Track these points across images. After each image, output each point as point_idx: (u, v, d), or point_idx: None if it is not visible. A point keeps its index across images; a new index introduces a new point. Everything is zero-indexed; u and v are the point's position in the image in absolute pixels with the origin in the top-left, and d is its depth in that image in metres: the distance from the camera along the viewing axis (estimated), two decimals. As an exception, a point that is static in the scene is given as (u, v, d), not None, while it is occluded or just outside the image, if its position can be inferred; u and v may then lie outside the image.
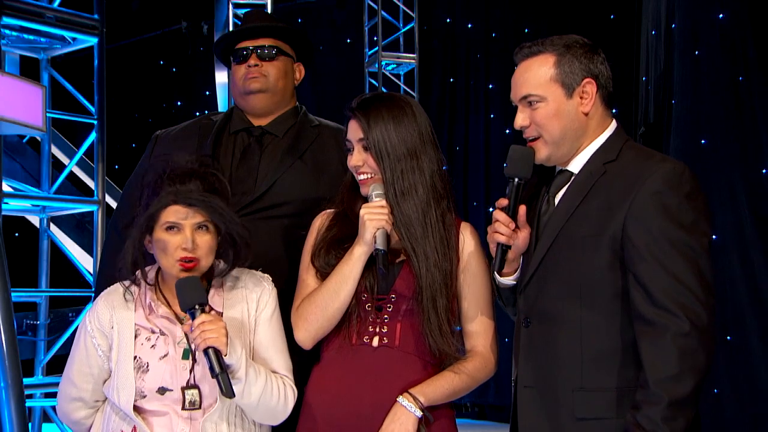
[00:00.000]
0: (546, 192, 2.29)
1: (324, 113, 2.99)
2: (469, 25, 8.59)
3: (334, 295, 2.32)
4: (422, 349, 2.34)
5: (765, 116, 5.27)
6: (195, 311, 2.15)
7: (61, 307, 6.05)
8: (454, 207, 2.42)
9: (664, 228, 2.05)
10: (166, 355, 2.25)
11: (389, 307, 2.35)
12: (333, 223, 2.45)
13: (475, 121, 8.50)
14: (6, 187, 5.03)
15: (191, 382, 2.23)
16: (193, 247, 2.22)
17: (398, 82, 8.70)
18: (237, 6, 6.54)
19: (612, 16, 7.63)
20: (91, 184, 5.88)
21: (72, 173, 5.67)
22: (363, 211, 2.31)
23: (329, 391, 2.35)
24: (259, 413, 2.28)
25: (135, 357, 2.25)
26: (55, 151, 6.00)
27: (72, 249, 5.86)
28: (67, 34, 5.22)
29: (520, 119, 2.24)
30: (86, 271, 5.56)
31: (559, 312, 2.16)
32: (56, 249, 5.55)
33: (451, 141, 8.54)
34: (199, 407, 2.24)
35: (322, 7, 9.33)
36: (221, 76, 6.62)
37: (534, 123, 2.22)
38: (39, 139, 5.55)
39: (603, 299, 2.13)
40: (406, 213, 2.33)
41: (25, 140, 6.75)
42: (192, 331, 2.14)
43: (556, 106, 2.20)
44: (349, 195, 2.46)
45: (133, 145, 9.58)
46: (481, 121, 8.45)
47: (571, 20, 7.47)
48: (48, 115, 5.02)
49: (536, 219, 2.27)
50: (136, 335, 2.27)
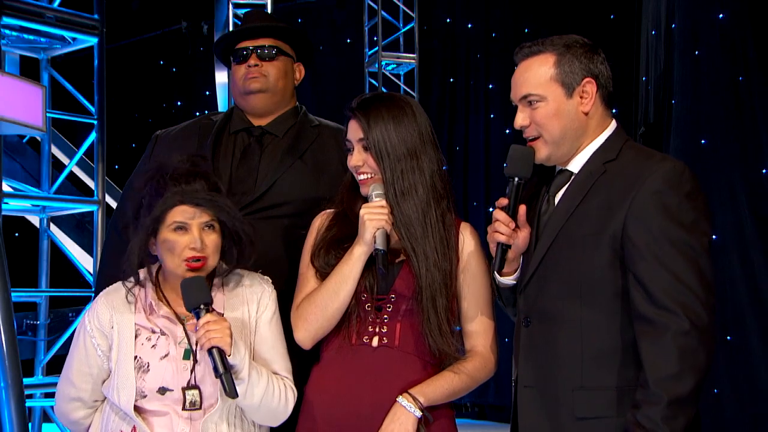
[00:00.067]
0: (546, 192, 2.29)
1: (324, 113, 2.99)
2: (469, 25, 8.59)
3: (334, 295, 2.32)
4: (422, 349, 2.34)
5: (765, 116, 5.26)
6: (200, 311, 2.16)
7: (61, 307, 6.05)
8: (454, 207, 2.42)
9: (665, 227, 2.05)
10: (167, 355, 2.25)
11: (389, 307, 2.35)
12: (333, 223, 2.45)
13: (475, 121, 8.50)
14: (6, 187, 5.03)
15: (192, 383, 2.23)
16: (201, 247, 2.23)
17: (398, 82, 8.70)
18: (237, 6, 6.54)
19: (612, 16, 7.63)
20: (91, 184, 5.88)
21: (72, 173, 5.67)
22: (363, 211, 2.31)
23: (329, 391, 2.34)
24: (260, 414, 2.28)
25: (135, 357, 2.24)
26: (55, 151, 6.00)
27: (72, 249, 5.86)
28: (67, 34, 5.22)
29: (520, 119, 2.24)
30: (86, 271, 5.56)
31: (559, 311, 2.16)
32: (56, 249, 5.54)
33: (451, 141, 8.54)
34: (200, 407, 2.23)
35: (322, 7, 9.32)
36: (221, 76, 6.62)
37: (534, 122, 2.22)
38: (39, 139, 5.54)
39: (603, 298, 2.12)
40: (406, 213, 2.33)
41: (25, 140, 6.75)
42: (197, 331, 2.14)
43: (556, 106, 2.20)
44: (348, 195, 2.46)
45: (133, 145, 9.58)
46: (481, 121, 8.45)
47: (571, 20, 7.47)
48: (48, 115, 5.02)
49: (536, 219, 2.27)
50: (137, 335, 2.27)
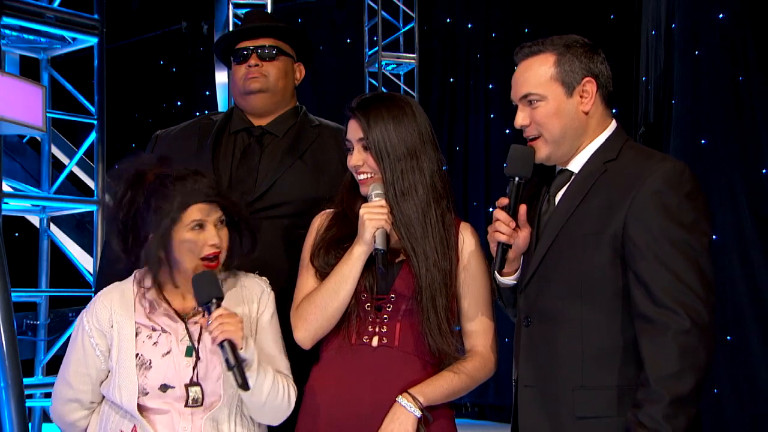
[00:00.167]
0: (546, 192, 2.29)
1: (324, 113, 2.99)
2: (469, 25, 8.58)
3: (334, 295, 2.32)
4: (422, 349, 2.33)
5: (765, 116, 5.26)
6: (211, 305, 2.17)
7: (61, 307, 6.05)
8: (453, 207, 2.42)
9: (665, 227, 2.05)
10: (168, 352, 2.25)
11: (389, 307, 2.35)
12: (332, 222, 2.44)
13: (475, 121, 8.49)
14: (6, 187, 5.03)
15: (194, 380, 2.24)
16: (220, 243, 2.26)
17: (398, 82, 8.69)
18: (237, 6, 6.55)
19: (612, 16, 7.62)
20: (91, 184, 5.89)
21: (72, 173, 5.68)
22: (362, 210, 2.31)
23: (329, 391, 2.34)
24: (264, 411, 2.27)
25: (137, 354, 2.24)
26: (55, 151, 6.00)
27: (72, 249, 5.86)
28: (67, 34, 5.22)
29: (521, 118, 2.24)
30: (86, 271, 5.56)
31: (560, 311, 2.16)
32: (56, 249, 5.55)
33: (451, 141, 8.53)
34: (201, 404, 2.24)
35: (322, 7, 9.32)
36: (221, 76, 6.62)
37: (534, 122, 2.22)
38: (39, 139, 5.55)
39: (603, 298, 2.12)
40: (405, 213, 2.33)
41: (25, 140, 6.75)
42: (209, 324, 2.15)
43: (556, 105, 2.20)
44: (348, 195, 2.46)
45: (133, 145, 9.57)
46: (481, 121, 8.44)
47: (571, 20, 7.46)
48: (48, 115, 5.03)
49: (537, 218, 2.27)
50: (137, 333, 2.27)
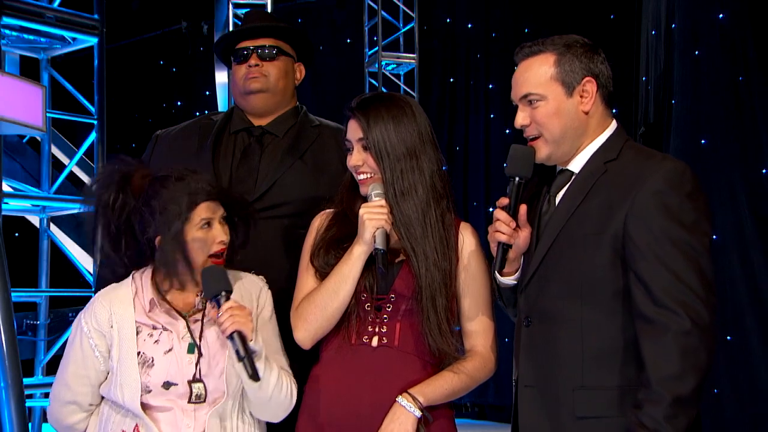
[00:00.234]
0: (547, 192, 2.28)
1: (324, 113, 2.98)
2: (469, 25, 8.58)
3: (334, 295, 2.32)
4: (421, 349, 2.33)
5: (765, 116, 5.26)
6: (221, 298, 2.19)
7: (61, 307, 6.05)
8: (453, 207, 2.42)
9: (666, 227, 2.05)
10: (170, 349, 2.26)
11: (389, 307, 2.35)
12: (332, 222, 2.44)
13: (475, 121, 8.50)
14: (6, 187, 5.03)
15: (197, 376, 2.24)
16: (227, 239, 2.29)
17: (398, 82, 8.70)
18: (237, 6, 6.55)
19: (612, 16, 7.62)
20: (91, 184, 5.86)
21: (72, 173, 5.67)
22: (362, 210, 2.31)
23: (329, 391, 2.34)
24: (269, 406, 2.28)
25: (139, 353, 2.25)
26: (55, 151, 5.99)
27: (72, 249, 5.85)
28: (67, 34, 5.22)
29: (521, 118, 2.23)
30: (86, 271, 5.56)
31: (560, 311, 2.16)
32: (56, 249, 5.54)
33: (451, 141, 8.53)
34: (204, 401, 2.24)
35: (322, 7, 9.32)
36: (221, 76, 6.62)
37: (534, 122, 2.22)
38: (39, 139, 5.54)
39: (604, 298, 2.12)
40: (405, 213, 2.33)
41: (25, 140, 6.75)
42: (219, 317, 2.17)
43: (557, 105, 2.20)
44: (348, 195, 2.46)
45: (133, 145, 9.57)
46: (481, 121, 8.45)
47: (571, 20, 7.47)
48: (48, 115, 5.02)
49: (537, 219, 2.27)
50: (138, 332, 2.27)
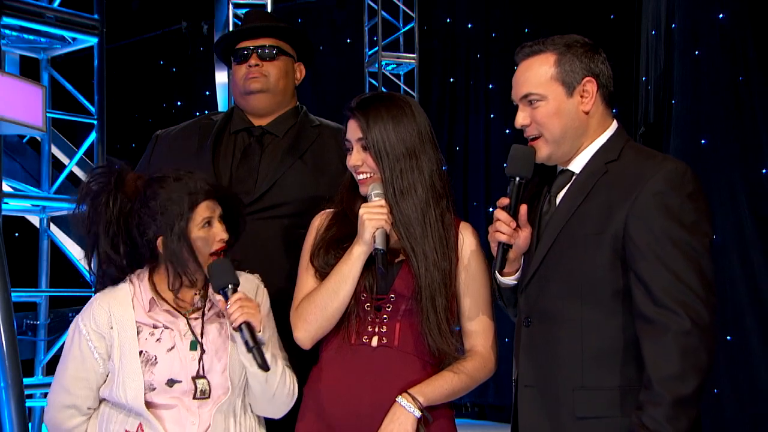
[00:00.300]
0: (547, 192, 2.28)
1: (324, 113, 2.99)
2: (469, 25, 8.58)
3: (333, 295, 2.32)
4: (421, 349, 2.33)
5: (765, 116, 5.26)
6: (228, 290, 2.21)
7: (61, 307, 6.04)
8: (453, 207, 2.41)
9: (666, 227, 2.05)
10: (173, 347, 2.26)
11: (388, 307, 2.35)
12: (332, 222, 2.44)
13: (475, 121, 8.49)
14: (6, 187, 5.02)
15: (200, 372, 2.25)
16: (227, 238, 2.31)
17: (398, 82, 8.69)
18: (237, 6, 6.55)
19: (612, 16, 7.62)
20: (91, 184, 5.85)
21: (72, 173, 5.66)
22: (362, 210, 2.31)
23: (328, 391, 2.34)
24: (273, 401, 2.29)
25: (141, 351, 2.25)
26: (55, 151, 5.98)
27: (72, 249, 5.84)
28: (67, 34, 5.21)
29: (521, 118, 2.23)
30: (86, 271, 5.53)
31: (560, 311, 2.16)
32: (56, 249, 5.54)
33: (451, 141, 8.53)
34: (209, 397, 2.25)
35: (322, 7, 9.32)
36: (221, 76, 6.62)
37: (535, 122, 2.22)
38: (39, 139, 5.54)
39: (604, 298, 2.12)
40: (405, 213, 2.33)
41: (25, 140, 6.73)
42: (229, 308, 2.19)
43: (557, 105, 2.20)
44: (348, 194, 2.45)
45: (133, 145, 9.57)
46: (481, 121, 8.45)
47: (571, 20, 7.46)
48: (48, 115, 5.02)
49: (538, 219, 2.27)
50: (138, 332, 2.27)
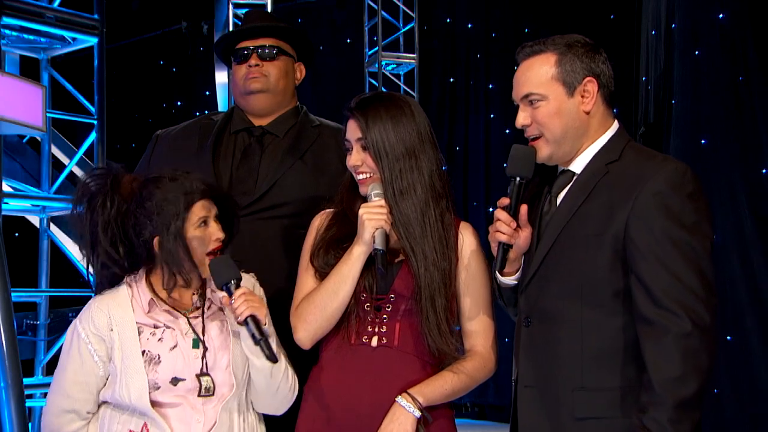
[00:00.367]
0: (548, 192, 2.28)
1: (324, 113, 2.98)
2: (469, 25, 8.58)
3: (333, 295, 2.32)
4: (421, 349, 2.33)
5: (765, 116, 5.26)
6: (231, 286, 2.22)
7: (61, 307, 6.03)
8: (453, 207, 2.41)
9: (666, 228, 2.05)
10: (175, 346, 2.27)
11: (388, 307, 2.35)
12: (332, 222, 2.44)
13: (475, 121, 8.50)
14: (6, 187, 5.02)
15: (204, 370, 2.26)
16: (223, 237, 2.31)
17: (398, 82, 8.69)
18: (237, 6, 6.55)
19: (612, 16, 7.62)
20: (91, 184, 5.84)
21: (72, 173, 5.66)
22: (362, 210, 2.31)
23: (328, 391, 2.34)
24: (276, 396, 2.30)
25: (144, 351, 2.25)
26: (55, 151, 5.98)
27: (72, 249, 5.84)
28: (67, 34, 5.21)
29: (522, 118, 2.23)
30: (86, 271, 5.53)
31: (560, 311, 2.16)
32: (56, 249, 5.54)
33: (451, 141, 8.53)
34: (213, 394, 2.25)
35: (322, 7, 9.32)
36: (221, 76, 6.62)
37: (535, 122, 2.22)
38: (39, 139, 5.54)
39: (604, 298, 2.12)
40: (404, 212, 2.32)
41: (25, 140, 6.73)
42: (234, 302, 2.20)
43: (558, 105, 2.20)
44: (348, 194, 2.45)
45: (133, 145, 9.58)
46: (481, 121, 8.45)
47: (571, 20, 7.46)
48: (48, 115, 5.01)
49: (538, 219, 2.27)
50: (139, 332, 2.27)
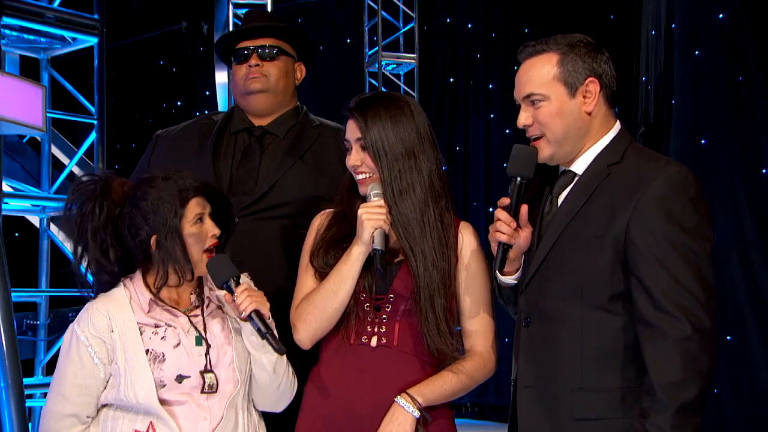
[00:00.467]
0: (549, 192, 2.28)
1: (324, 113, 2.98)
2: (469, 25, 8.59)
3: (333, 295, 2.31)
4: (421, 349, 2.33)
5: (765, 116, 5.26)
6: (231, 283, 2.23)
7: (61, 307, 6.03)
8: (452, 207, 2.41)
9: (667, 231, 2.05)
10: (179, 343, 2.26)
11: (387, 307, 2.35)
12: (332, 222, 2.44)
13: (475, 121, 8.49)
14: (6, 187, 5.02)
15: (208, 367, 2.26)
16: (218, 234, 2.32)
17: (398, 82, 8.69)
18: (237, 6, 6.55)
19: (612, 16, 7.62)
20: (91, 184, 5.84)
21: (72, 173, 5.66)
22: (361, 210, 2.31)
23: (328, 391, 2.34)
24: (277, 392, 2.31)
25: (147, 350, 2.24)
26: (55, 151, 5.98)
27: (72, 249, 5.85)
28: (67, 34, 5.21)
29: (523, 118, 2.23)
30: (86, 271, 5.53)
31: (560, 311, 2.16)
32: (56, 249, 5.53)
33: (451, 141, 8.53)
34: (216, 391, 2.26)
35: (322, 7, 9.32)
36: (221, 76, 6.62)
37: (537, 122, 2.21)
38: (39, 139, 5.54)
39: (604, 299, 2.12)
40: (404, 212, 2.32)
41: (25, 140, 6.73)
42: (236, 298, 2.20)
43: (559, 105, 2.19)
44: (347, 195, 2.45)
45: (133, 145, 9.58)
46: (481, 121, 8.45)
47: (571, 20, 7.47)
48: (48, 115, 5.01)
49: (539, 219, 2.26)
50: (141, 332, 2.27)
